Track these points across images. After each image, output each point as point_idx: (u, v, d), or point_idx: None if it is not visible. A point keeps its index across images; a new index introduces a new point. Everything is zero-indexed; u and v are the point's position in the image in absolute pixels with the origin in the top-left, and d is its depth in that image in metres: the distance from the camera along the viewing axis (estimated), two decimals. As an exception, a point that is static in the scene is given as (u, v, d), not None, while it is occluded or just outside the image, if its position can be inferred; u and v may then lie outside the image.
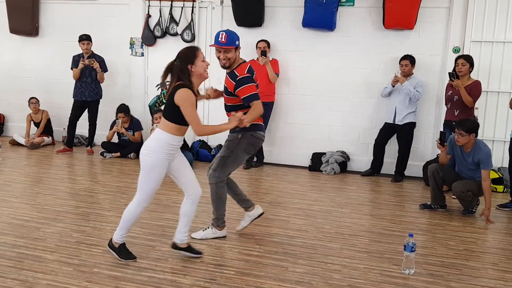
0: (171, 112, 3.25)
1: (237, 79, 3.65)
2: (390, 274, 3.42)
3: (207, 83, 7.48)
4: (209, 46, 4.01)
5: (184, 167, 3.44)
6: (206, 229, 3.96)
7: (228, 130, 3.63)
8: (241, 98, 3.66)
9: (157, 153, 3.23)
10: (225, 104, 3.89)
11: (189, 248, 3.54)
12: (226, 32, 3.68)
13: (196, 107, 3.28)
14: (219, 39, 3.65)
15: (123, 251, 3.45)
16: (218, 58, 3.72)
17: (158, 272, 3.28)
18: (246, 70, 3.68)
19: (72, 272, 3.23)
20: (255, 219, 4.06)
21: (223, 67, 3.75)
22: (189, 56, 3.27)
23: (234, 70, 3.70)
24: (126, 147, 7.14)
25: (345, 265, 3.55)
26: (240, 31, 7.10)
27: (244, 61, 3.79)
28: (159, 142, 3.25)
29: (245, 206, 4.06)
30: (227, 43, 3.63)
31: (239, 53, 3.76)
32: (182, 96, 3.18)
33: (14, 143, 7.69)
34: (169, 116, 3.27)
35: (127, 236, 3.48)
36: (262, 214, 4.08)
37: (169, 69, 3.30)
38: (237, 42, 3.68)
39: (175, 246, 3.54)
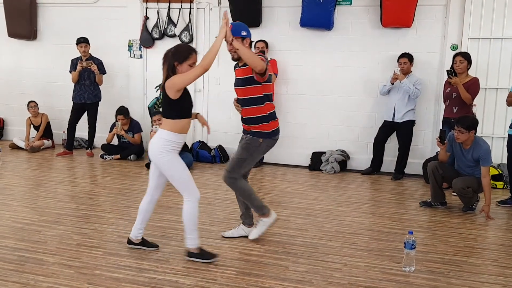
0: (167, 107, 3.34)
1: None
2: (390, 271, 3.43)
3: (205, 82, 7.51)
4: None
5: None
6: (256, 226, 3.94)
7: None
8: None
9: (165, 152, 3.32)
10: (239, 99, 3.81)
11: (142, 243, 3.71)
12: (233, 23, 3.62)
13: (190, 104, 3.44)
14: None
15: (205, 253, 3.50)
16: (229, 51, 3.63)
17: (159, 273, 3.29)
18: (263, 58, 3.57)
19: (73, 274, 3.24)
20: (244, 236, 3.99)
21: (233, 59, 3.68)
22: (180, 54, 3.30)
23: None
24: (126, 149, 7.15)
25: (345, 263, 3.56)
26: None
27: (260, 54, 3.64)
28: (161, 141, 3.33)
29: (245, 222, 4.01)
30: (232, 33, 3.53)
31: (249, 45, 3.66)
32: (168, 83, 3.26)
33: (14, 147, 7.70)
34: (166, 113, 3.35)
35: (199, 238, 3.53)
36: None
37: (165, 57, 3.34)
38: (243, 33, 3.60)
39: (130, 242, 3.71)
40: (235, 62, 3.77)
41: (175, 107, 3.32)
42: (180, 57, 3.28)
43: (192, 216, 3.40)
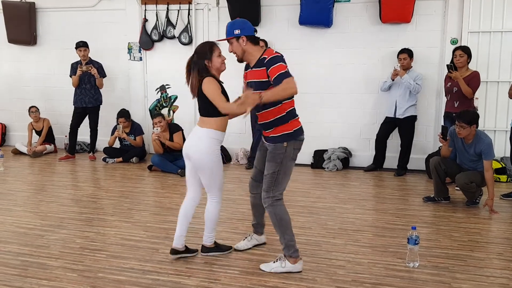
0: (206, 106, 3.28)
1: (265, 61, 3.16)
2: (394, 267, 3.42)
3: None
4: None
5: None
6: (276, 261, 3.38)
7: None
8: (271, 80, 3.13)
9: (210, 153, 3.31)
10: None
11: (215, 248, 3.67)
12: (228, 23, 3.36)
13: (227, 98, 3.29)
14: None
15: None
16: (233, 53, 3.36)
17: (162, 275, 3.28)
18: (274, 52, 3.22)
19: (77, 278, 3.24)
20: (257, 245, 3.81)
21: (238, 61, 3.38)
22: (205, 51, 3.30)
23: (261, 57, 3.23)
24: (128, 152, 7.15)
25: (349, 260, 3.54)
26: (237, 31, 7.12)
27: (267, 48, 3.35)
28: (207, 140, 3.30)
29: (258, 230, 3.83)
30: (226, 35, 3.30)
31: (245, 42, 3.24)
32: (205, 83, 3.22)
33: (17, 152, 7.72)
34: (206, 112, 3.31)
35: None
36: (264, 244, 3.82)
37: (189, 65, 3.34)
38: (236, 32, 3.22)
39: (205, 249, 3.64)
40: (245, 63, 3.42)
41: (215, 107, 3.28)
42: (206, 54, 3.28)
43: (216, 216, 3.51)
